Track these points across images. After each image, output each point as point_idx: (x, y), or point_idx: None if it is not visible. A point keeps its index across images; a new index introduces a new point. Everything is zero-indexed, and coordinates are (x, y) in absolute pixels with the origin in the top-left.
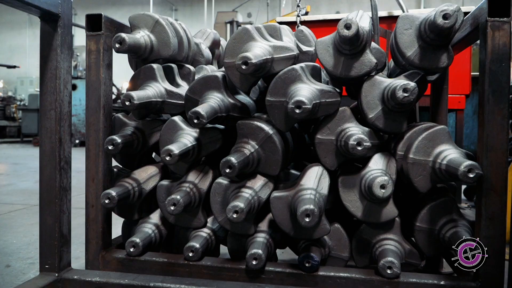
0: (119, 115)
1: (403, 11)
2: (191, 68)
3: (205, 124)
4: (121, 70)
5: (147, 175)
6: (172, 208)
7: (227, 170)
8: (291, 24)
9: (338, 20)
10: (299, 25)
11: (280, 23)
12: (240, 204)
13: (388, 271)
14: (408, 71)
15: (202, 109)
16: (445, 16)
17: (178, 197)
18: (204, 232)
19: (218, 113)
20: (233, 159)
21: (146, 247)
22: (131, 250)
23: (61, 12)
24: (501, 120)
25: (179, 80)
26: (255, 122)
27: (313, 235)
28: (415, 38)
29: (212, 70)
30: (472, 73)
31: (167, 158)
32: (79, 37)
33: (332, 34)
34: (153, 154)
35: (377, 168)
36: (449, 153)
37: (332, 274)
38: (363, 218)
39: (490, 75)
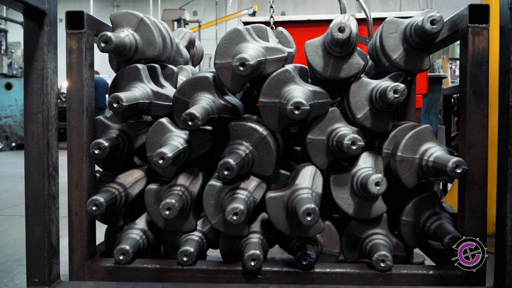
0: (101, 117)
1: (366, 14)
2: (174, 68)
3: (200, 126)
4: (60, 68)
5: (133, 180)
6: (167, 212)
7: (226, 172)
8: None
9: (306, 21)
10: (273, 26)
11: (245, 23)
12: (240, 206)
13: (382, 264)
14: (389, 72)
15: (196, 110)
16: (432, 22)
17: (173, 201)
18: (196, 236)
19: (210, 114)
20: (231, 161)
21: (135, 254)
22: (121, 258)
23: (48, 9)
24: (481, 119)
25: (162, 80)
26: (249, 124)
27: (308, 233)
28: (400, 42)
29: (192, 70)
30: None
31: (160, 161)
32: (13, 33)
33: (320, 36)
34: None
35: (366, 166)
36: (435, 150)
37: (328, 270)
38: (355, 215)
39: (471, 77)
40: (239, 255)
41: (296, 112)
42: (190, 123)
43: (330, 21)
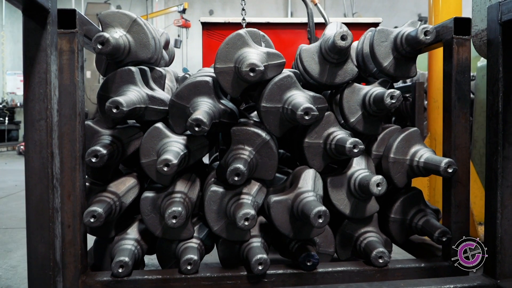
0: (89, 122)
1: (325, 20)
2: (162, 71)
3: (206, 132)
4: None
5: (125, 188)
6: (173, 221)
7: (236, 178)
8: (220, 26)
9: (265, 23)
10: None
11: (204, 23)
12: (251, 211)
13: (380, 261)
14: (375, 78)
15: (202, 116)
16: (426, 33)
17: (179, 209)
18: (194, 243)
19: (213, 119)
20: (241, 166)
21: (132, 265)
22: (120, 270)
23: (51, 7)
24: (464, 123)
25: (152, 84)
26: (252, 128)
27: (311, 235)
28: (390, 50)
29: (174, 72)
30: None
31: (165, 168)
32: None
33: (316, 43)
34: None
35: (361, 168)
36: (424, 152)
37: (330, 269)
38: (351, 215)
39: (455, 85)
40: (239, 260)
41: (306, 117)
42: (196, 128)
43: (287, 24)
